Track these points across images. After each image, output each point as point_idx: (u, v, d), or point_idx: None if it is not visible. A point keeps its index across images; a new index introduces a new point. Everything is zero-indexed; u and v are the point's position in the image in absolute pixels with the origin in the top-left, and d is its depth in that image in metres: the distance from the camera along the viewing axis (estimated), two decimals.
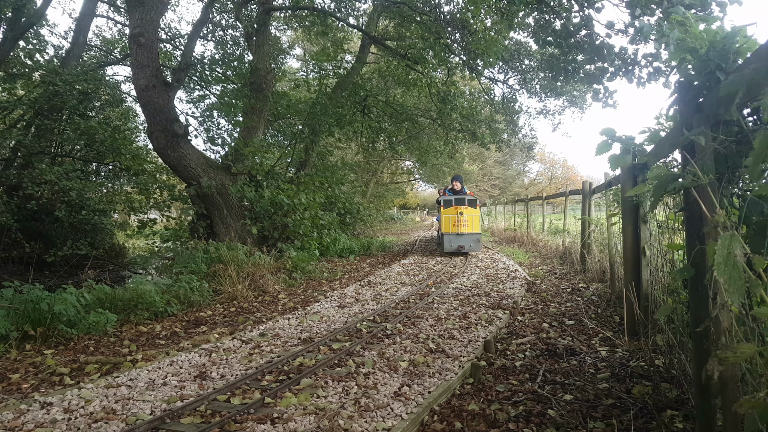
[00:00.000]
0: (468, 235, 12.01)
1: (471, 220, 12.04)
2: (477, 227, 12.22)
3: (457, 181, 13.05)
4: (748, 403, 1.55)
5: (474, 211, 12.14)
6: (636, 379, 3.69)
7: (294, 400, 3.36)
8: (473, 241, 12.01)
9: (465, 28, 11.12)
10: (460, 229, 11.96)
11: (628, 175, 4.82)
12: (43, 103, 10.75)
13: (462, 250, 12.06)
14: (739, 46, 2.34)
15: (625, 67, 7.88)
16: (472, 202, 12.30)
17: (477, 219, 12.23)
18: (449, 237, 12.04)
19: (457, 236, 12.02)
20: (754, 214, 2.15)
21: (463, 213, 11.86)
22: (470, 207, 12.14)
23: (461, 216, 11.87)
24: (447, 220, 12.11)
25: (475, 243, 12.02)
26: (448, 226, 12.08)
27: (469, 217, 12.01)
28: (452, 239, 12.05)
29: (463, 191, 12.75)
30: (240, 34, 15.58)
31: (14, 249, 10.49)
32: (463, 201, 12.11)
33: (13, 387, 3.90)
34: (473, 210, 12.15)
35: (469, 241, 12.00)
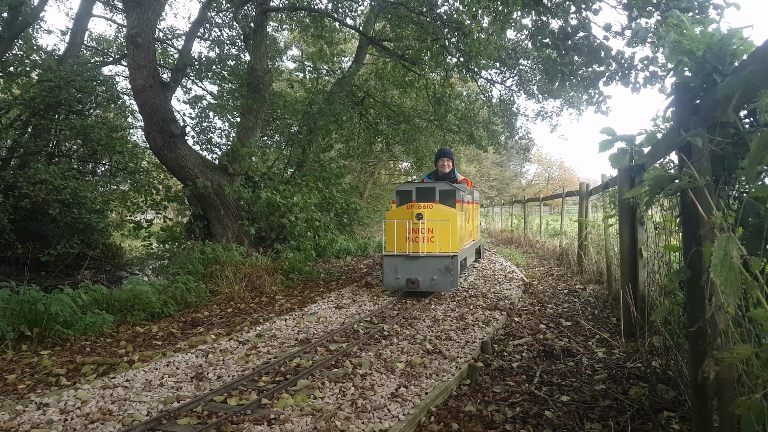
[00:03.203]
0: (431, 260, 6.77)
1: (441, 230, 6.85)
2: (451, 242, 6.90)
3: (445, 159, 8.33)
4: (745, 404, 1.56)
5: (447, 213, 6.93)
6: (633, 381, 3.70)
7: (291, 401, 3.35)
8: (440, 271, 6.74)
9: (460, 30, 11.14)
10: (417, 247, 6.84)
11: (625, 176, 4.84)
12: (39, 102, 10.73)
13: (417, 286, 6.78)
14: (735, 48, 2.35)
15: (622, 71, 7.90)
16: (446, 196, 7.34)
17: (452, 226, 6.92)
18: (393, 261, 6.90)
19: (407, 260, 6.84)
20: (751, 216, 2.15)
21: (423, 216, 6.77)
22: (443, 205, 7.13)
23: (420, 223, 6.80)
24: (393, 230, 7.01)
25: (444, 274, 6.73)
26: (393, 240, 7.00)
27: (435, 224, 6.84)
28: (399, 265, 6.86)
29: (452, 175, 8.23)
30: (237, 35, 15.58)
31: (9, 249, 10.45)
32: (432, 194, 7.31)
33: (9, 388, 3.89)
34: (447, 211, 6.95)
35: (433, 271, 6.75)
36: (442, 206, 7.04)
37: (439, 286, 6.78)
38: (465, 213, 7.85)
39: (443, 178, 8.10)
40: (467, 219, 8.19)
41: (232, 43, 15.78)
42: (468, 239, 8.25)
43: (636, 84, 7.75)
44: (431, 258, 6.79)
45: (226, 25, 15.95)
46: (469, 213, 8.41)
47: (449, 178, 8.09)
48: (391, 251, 7.01)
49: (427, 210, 6.85)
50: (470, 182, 8.71)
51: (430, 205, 6.92)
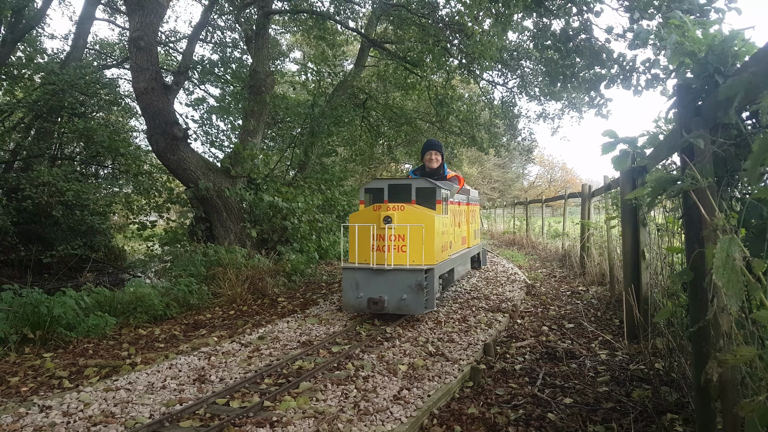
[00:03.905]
0: (400, 274, 5.51)
1: (413, 236, 5.58)
2: (426, 252, 5.62)
3: (432, 152, 7.11)
4: (748, 406, 1.55)
5: (422, 216, 5.66)
6: (636, 383, 3.69)
7: (293, 404, 3.35)
8: (410, 289, 5.46)
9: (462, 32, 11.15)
10: (383, 257, 5.57)
11: (627, 178, 4.83)
12: (43, 105, 10.77)
13: (381, 307, 5.48)
14: (737, 49, 2.35)
15: (624, 74, 7.90)
16: (425, 195, 6.06)
17: (428, 232, 5.63)
18: (353, 276, 5.66)
19: (371, 275, 5.60)
20: (753, 217, 2.15)
21: (392, 220, 5.55)
22: (420, 206, 5.91)
23: (388, 228, 5.54)
24: (355, 236, 5.73)
25: (415, 293, 5.43)
26: (355, 249, 5.73)
27: (407, 229, 5.57)
28: (361, 281, 5.63)
29: (442, 171, 7.12)
30: (239, 38, 15.62)
31: (13, 252, 10.48)
32: (407, 192, 6.08)
33: (12, 390, 3.89)
34: (422, 214, 5.70)
35: (402, 288, 5.49)
36: (418, 208, 5.76)
37: (409, 306, 5.43)
38: (453, 215, 6.71)
39: (431, 174, 6.96)
40: (457, 222, 7.03)
41: (235, 45, 15.82)
42: (458, 246, 7.05)
43: (637, 87, 7.75)
44: (400, 272, 5.46)
45: (228, 27, 16.00)
46: (460, 215, 7.30)
47: (438, 175, 7.00)
48: (353, 263, 5.72)
49: (397, 212, 5.58)
50: (463, 179, 7.65)
51: (402, 206, 5.63)
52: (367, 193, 6.40)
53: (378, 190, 6.28)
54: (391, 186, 6.24)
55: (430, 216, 5.71)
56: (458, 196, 7.21)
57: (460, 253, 7.24)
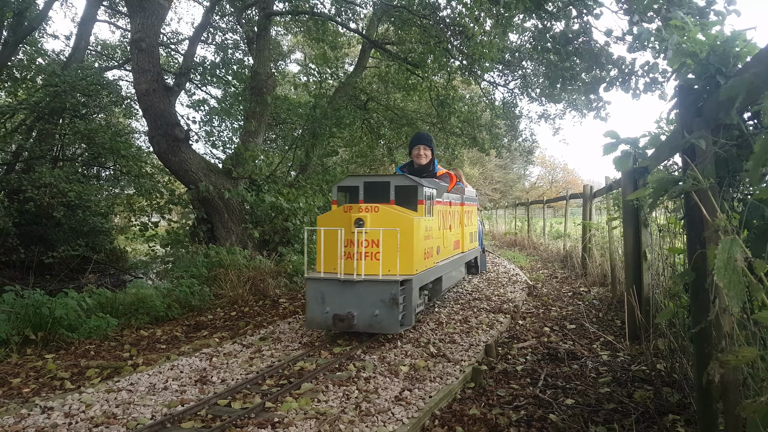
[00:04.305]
0: (371, 286, 4.75)
1: (387, 242, 4.83)
2: (402, 260, 4.82)
3: (421, 147, 6.45)
4: (750, 407, 1.55)
5: (399, 219, 4.88)
6: (637, 384, 3.68)
7: (295, 405, 3.35)
8: (383, 303, 4.68)
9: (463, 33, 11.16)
10: (353, 266, 4.82)
11: (628, 178, 4.83)
12: (44, 106, 10.79)
13: (348, 325, 4.71)
14: (739, 50, 2.35)
15: (622, 77, 7.92)
16: (405, 194, 5.28)
17: (406, 237, 4.84)
18: (319, 288, 4.89)
19: (339, 287, 4.83)
20: (755, 218, 2.15)
21: (365, 223, 4.81)
22: (399, 207, 5.16)
23: (360, 232, 4.81)
24: (321, 242, 5.11)
25: (389, 308, 4.66)
26: (321, 256, 5.12)
27: (379, 235, 4.82)
28: (328, 293, 4.85)
29: (431, 168, 6.44)
30: (241, 38, 15.64)
31: (14, 253, 10.50)
32: (386, 190, 5.28)
33: (14, 391, 3.90)
34: (399, 216, 4.91)
35: (374, 303, 4.71)
36: (395, 209, 4.99)
37: (382, 324, 4.64)
38: (442, 217, 5.94)
39: (419, 171, 6.32)
40: (447, 225, 6.25)
41: (236, 47, 15.84)
42: (449, 252, 6.35)
43: (636, 90, 7.77)
44: (371, 284, 4.68)
45: (229, 29, 16.02)
46: (452, 217, 6.53)
47: (427, 172, 6.35)
48: (318, 272, 5.05)
49: (370, 214, 4.81)
50: (455, 177, 7.00)
51: (376, 207, 4.85)
52: (340, 192, 5.66)
53: (353, 188, 5.49)
54: (368, 184, 5.39)
55: (407, 218, 4.88)
56: (449, 196, 6.48)
57: (451, 260, 6.43)
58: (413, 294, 4.90)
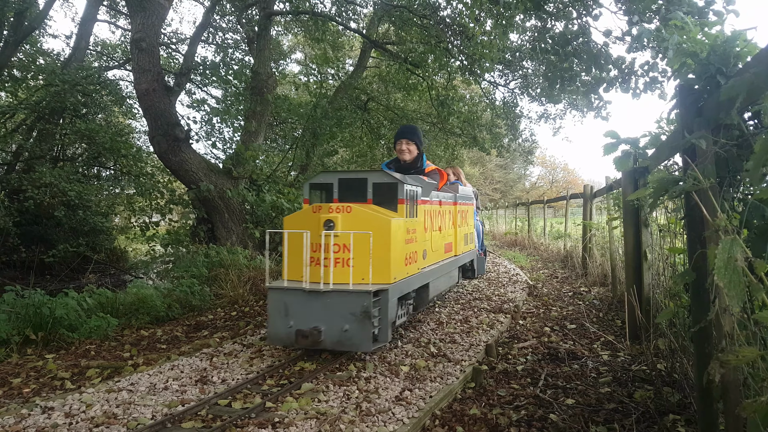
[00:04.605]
0: (340, 298, 4.16)
1: (360, 247, 4.25)
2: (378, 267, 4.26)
3: (404, 141, 5.89)
4: (751, 407, 1.55)
5: (375, 220, 4.30)
6: (638, 384, 3.68)
7: (295, 405, 3.35)
8: (354, 317, 4.10)
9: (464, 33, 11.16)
10: (321, 274, 4.23)
11: (629, 178, 4.83)
12: (45, 106, 10.80)
13: (313, 342, 4.09)
14: (739, 50, 2.35)
15: (622, 77, 7.92)
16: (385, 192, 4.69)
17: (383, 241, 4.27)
18: (282, 299, 4.30)
19: (304, 297, 4.23)
20: (756, 218, 2.15)
21: (336, 225, 4.26)
22: (378, 207, 4.61)
23: (330, 235, 4.27)
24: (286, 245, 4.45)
25: (361, 322, 4.07)
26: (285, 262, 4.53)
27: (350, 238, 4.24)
28: (292, 305, 4.26)
29: (419, 164, 5.94)
30: (241, 38, 15.65)
31: (15, 253, 10.51)
32: (363, 188, 4.71)
33: (15, 391, 3.90)
34: (375, 217, 4.34)
35: (343, 316, 4.12)
36: (372, 209, 4.45)
37: (352, 341, 4.09)
38: (429, 218, 5.40)
39: (406, 168, 5.83)
40: (436, 226, 5.70)
41: (236, 46, 15.85)
42: (438, 255, 5.82)
43: (636, 90, 7.77)
44: (340, 294, 4.11)
45: (230, 29, 16.03)
46: (442, 217, 5.96)
47: (414, 169, 5.83)
48: (281, 281, 4.51)
49: (342, 215, 4.27)
50: (446, 174, 6.41)
51: (348, 207, 4.31)
52: (312, 190, 4.98)
53: (326, 185, 4.89)
54: (343, 181, 4.80)
55: (383, 219, 4.29)
56: (439, 195, 5.91)
57: (441, 264, 5.83)
58: (390, 306, 4.29)
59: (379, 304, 4.22)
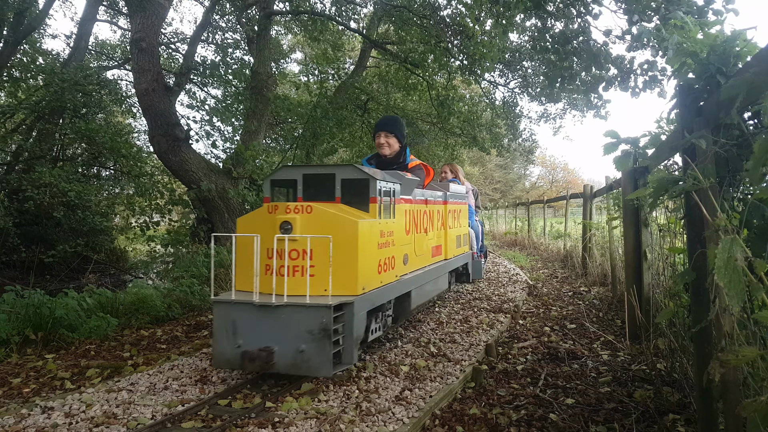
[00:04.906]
0: (295, 313, 3.52)
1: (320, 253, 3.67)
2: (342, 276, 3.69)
3: (383, 134, 5.37)
4: (751, 406, 1.55)
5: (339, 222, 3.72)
6: (638, 383, 3.68)
7: (295, 405, 3.35)
8: (311, 336, 3.46)
9: (464, 33, 11.16)
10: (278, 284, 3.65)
11: (629, 178, 4.83)
12: (45, 106, 10.80)
13: (262, 365, 3.48)
14: (739, 49, 2.35)
15: (621, 76, 7.93)
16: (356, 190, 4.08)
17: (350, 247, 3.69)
18: (229, 314, 3.65)
19: (254, 313, 3.58)
20: (755, 218, 2.15)
21: (293, 227, 3.67)
22: (349, 206, 4.05)
23: (286, 240, 3.59)
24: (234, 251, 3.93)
25: (319, 342, 3.45)
26: (232, 271, 3.97)
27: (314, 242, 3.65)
28: (240, 322, 3.62)
29: (400, 160, 5.41)
30: (241, 38, 15.65)
31: (15, 253, 10.50)
32: (330, 184, 4.10)
33: (14, 391, 3.90)
34: (339, 219, 3.74)
35: (298, 335, 3.49)
36: (337, 209, 3.90)
37: (309, 364, 3.48)
38: (411, 218, 4.88)
39: (387, 163, 5.32)
40: (421, 228, 5.18)
41: (236, 46, 15.85)
42: (424, 260, 5.33)
43: (635, 88, 7.78)
44: (296, 309, 3.51)
45: (229, 28, 16.03)
46: (428, 218, 5.44)
47: (396, 164, 5.32)
48: (228, 292, 3.94)
49: (301, 216, 3.71)
50: (432, 171, 5.87)
51: (309, 207, 3.74)
52: (274, 188, 4.38)
53: (289, 182, 4.27)
54: (308, 176, 4.20)
55: (348, 221, 3.72)
56: (425, 193, 5.38)
57: (427, 270, 5.29)
58: (356, 321, 3.66)
59: (342, 320, 3.62)
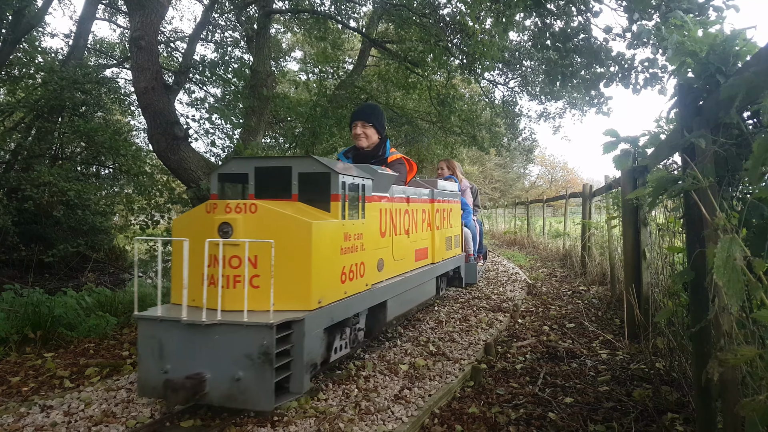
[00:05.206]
0: (231, 334, 2.91)
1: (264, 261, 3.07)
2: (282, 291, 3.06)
3: (359, 124, 4.96)
4: (749, 405, 1.55)
5: (285, 223, 3.13)
6: (636, 382, 3.69)
7: (294, 404, 3.35)
8: (250, 362, 2.87)
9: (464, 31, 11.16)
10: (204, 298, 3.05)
11: (628, 177, 4.83)
12: (44, 104, 10.78)
13: (188, 397, 2.80)
14: (738, 49, 2.35)
15: (622, 73, 7.93)
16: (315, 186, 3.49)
17: (302, 253, 3.11)
18: (155, 333, 3.05)
19: (184, 334, 2.97)
20: (754, 217, 2.15)
21: (233, 230, 3.07)
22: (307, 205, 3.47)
23: (225, 245, 3.02)
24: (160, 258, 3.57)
25: (259, 368, 2.85)
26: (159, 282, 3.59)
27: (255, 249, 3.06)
28: (168, 343, 3.02)
29: (379, 153, 5.00)
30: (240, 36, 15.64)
31: (14, 252, 10.50)
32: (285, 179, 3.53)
33: (13, 390, 3.90)
34: (288, 218, 3.14)
35: (236, 360, 2.89)
36: (291, 208, 3.31)
37: (247, 395, 2.92)
38: (385, 219, 4.31)
39: (365, 157, 4.89)
40: (399, 229, 4.62)
41: (235, 45, 15.84)
42: (408, 264, 4.85)
43: (636, 85, 7.78)
44: (231, 329, 2.93)
45: (229, 27, 16.02)
46: (410, 217, 4.89)
47: (374, 158, 4.88)
48: (154, 308, 3.27)
49: (243, 216, 3.13)
50: (415, 165, 5.29)
51: (252, 206, 3.14)
52: (221, 183, 3.80)
53: (239, 176, 3.71)
54: (261, 170, 3.64)
55: (300, 223, 3.13)
56: (406, 190, 4.85)
57: (408, 276, 4.74)
58: (308, 342, 3.10)
59: (290, 341, 3.04)
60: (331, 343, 3.55)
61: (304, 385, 3.16)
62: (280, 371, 2.98)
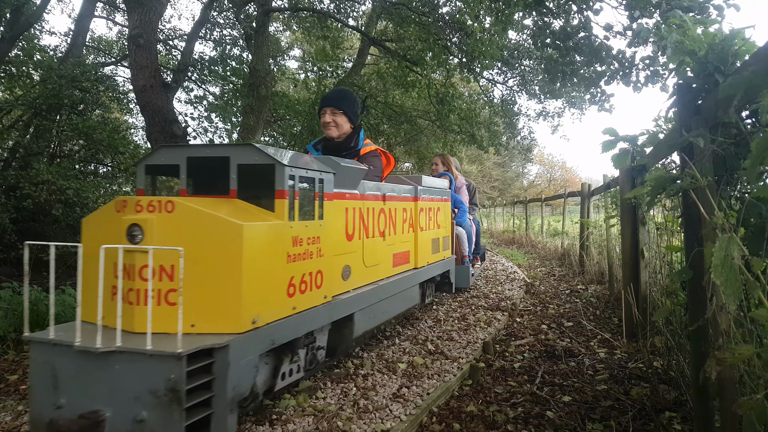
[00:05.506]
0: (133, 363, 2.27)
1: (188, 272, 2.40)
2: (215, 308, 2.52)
3: (328, 111, 4.34)
4: (747, 404, 1.56)
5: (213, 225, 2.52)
6: (634, 381, 3.69)
7: (292, 402, 3.35)
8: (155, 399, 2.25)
9: (463, 30, 11.15)
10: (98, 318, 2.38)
11: (626, 177, 4.84)
12: (42, 102, 10.76)
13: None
14: (737, 48, 2.35)
15: (623, 70, 7.94)
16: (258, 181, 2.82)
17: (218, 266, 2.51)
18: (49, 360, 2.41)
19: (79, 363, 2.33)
20: (753, 216, 2.15)
21: (144, 234, 2.50)
22: (249, 203, 2.84)
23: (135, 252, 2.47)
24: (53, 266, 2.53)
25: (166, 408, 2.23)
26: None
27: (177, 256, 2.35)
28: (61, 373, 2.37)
29: (351, 144, 4.43)
30: (239, 35, 15.61)
31: (12, 250, 10.47)
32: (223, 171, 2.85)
33: (11, 388, 3.90)
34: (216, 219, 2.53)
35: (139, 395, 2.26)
36: (230, 207, 2.75)
37: None
38: (354, 219, 3.80)
39: (336, 148, 4.36)
40: (373, 231, 4.13)
41: (234, 43, 15.81)
42: (384, 270, 4.41)
43: (637, 83, 7.79)
44: (132, 358, 2.31)
45: (228, 25, 15.99)
46: (387, 218, 4.41)
47: (346, 149, 4.38)
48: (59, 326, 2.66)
49: (157, 216, 2.55)
50: (393, 159, 4.87)
51: (169, 203, 2.56)
52: (149, 175, 3.22)
53: (170, 168, 3.07)
54: (194, 161, 2.98)
55: (226, 225, 2.56)
56: (381, 186, 4.35)
57: (382, 285, 4.25)
58: (233, 372, 2.50)
59: (210, 372, 2.45)
60: (278, 366, 3.06)
61: (228, 427, 2.50)
62: (196, 410, 2.37)
